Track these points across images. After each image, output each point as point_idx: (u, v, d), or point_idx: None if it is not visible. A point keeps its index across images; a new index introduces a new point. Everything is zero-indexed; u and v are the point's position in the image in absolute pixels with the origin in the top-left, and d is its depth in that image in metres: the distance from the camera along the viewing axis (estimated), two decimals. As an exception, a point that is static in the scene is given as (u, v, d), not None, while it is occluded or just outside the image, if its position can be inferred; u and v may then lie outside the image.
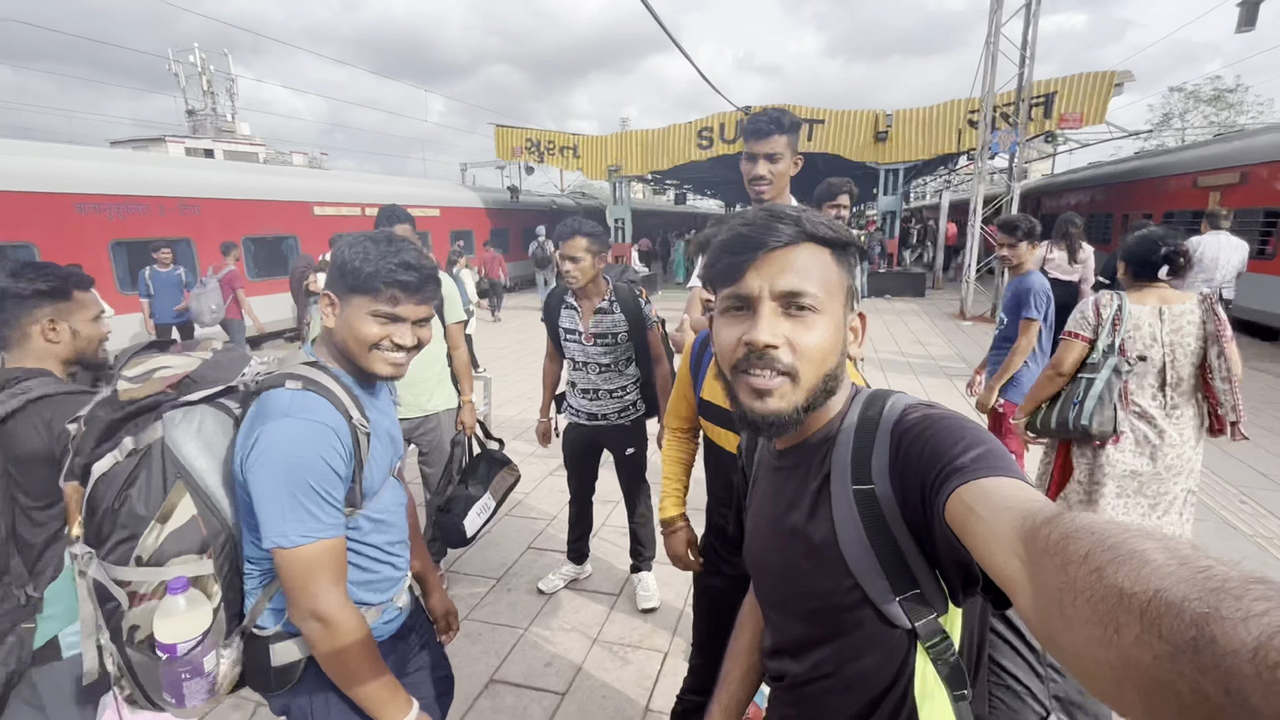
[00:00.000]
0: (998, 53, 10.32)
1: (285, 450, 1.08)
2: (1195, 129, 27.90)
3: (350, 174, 16.22)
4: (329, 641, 1.11)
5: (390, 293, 1.16)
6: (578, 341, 2.73)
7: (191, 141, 22.52)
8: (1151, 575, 0.35)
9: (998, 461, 0.63)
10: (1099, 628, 0.36)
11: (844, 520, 0.76)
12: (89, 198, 8.07)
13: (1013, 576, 0.49)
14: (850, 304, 0.82)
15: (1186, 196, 11.25)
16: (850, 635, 0.79)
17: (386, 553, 1.31)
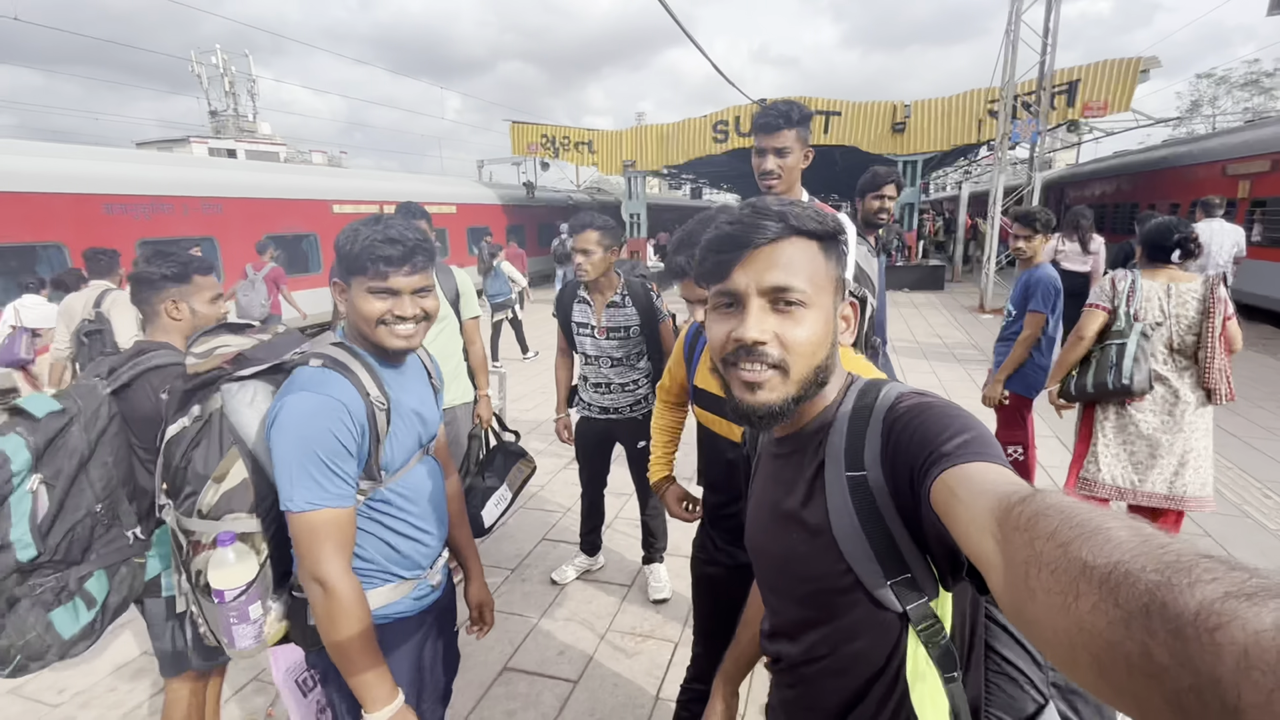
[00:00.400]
0: (1019, 41, 10.13)
1: (298, 422, 1.15)
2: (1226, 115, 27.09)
3: (369, 172, 16.41)
4: (325, 606, 1.17)
5: (378, 268, 1.21)
6: (590, 335, 2.75)
7: (215, 141, 22.93)
8: (1113, 550, 0.37)
9: (982, 448, 0.65)
10: (1059, 596, 0.39)
11: (838, 506, 0.79)
12: (117, 198, 8.27)
13: (987, 556, 0.51)
14: (841, 294, 0.83)
15: (1215, 185, 10.95)
16: (844, 618, 0.82)
17: (414, 528, 1.37)
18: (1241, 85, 29.85)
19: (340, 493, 1.19)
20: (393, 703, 1.21)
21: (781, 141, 1.96)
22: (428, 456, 1.46)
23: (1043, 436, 4.98)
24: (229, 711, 2.39)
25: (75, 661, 2.69)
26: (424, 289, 1.28)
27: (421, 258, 1.25)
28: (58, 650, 1.49)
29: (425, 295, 1.29)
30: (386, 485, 1.30)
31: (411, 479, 1.37)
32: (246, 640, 1.27)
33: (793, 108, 1.97)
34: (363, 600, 1.21)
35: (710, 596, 1.77)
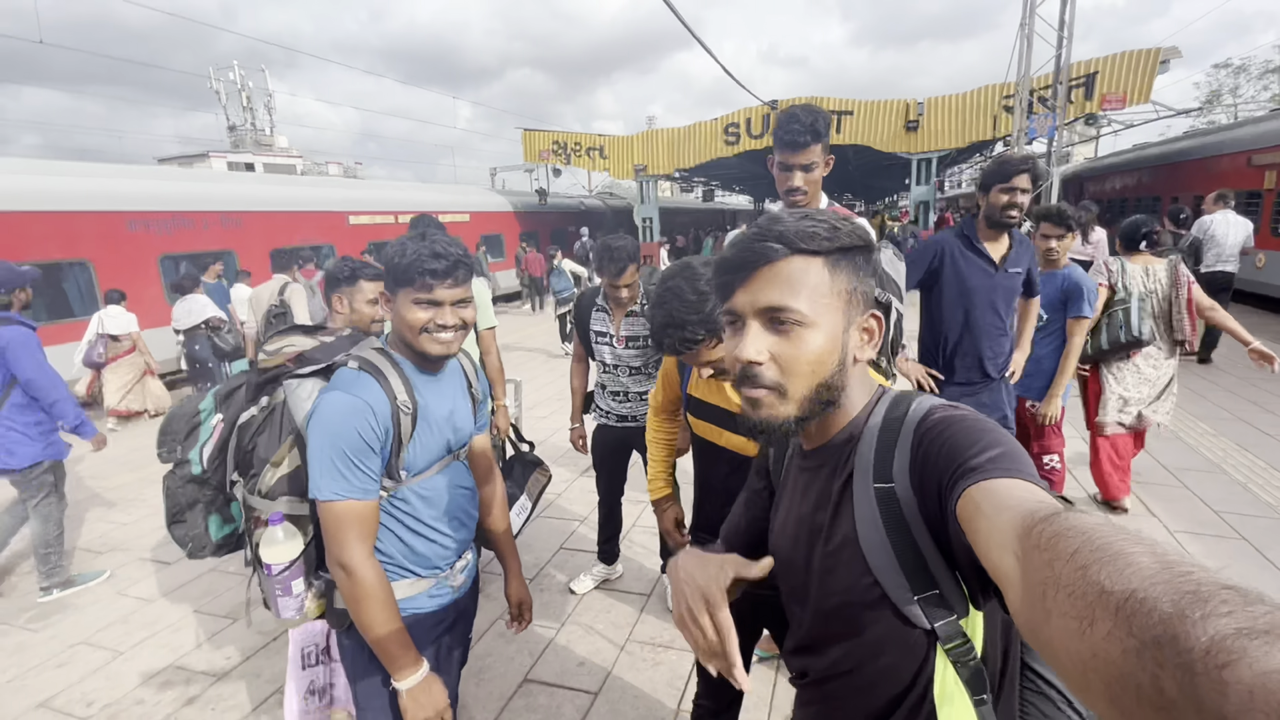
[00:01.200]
0: (1033, 34, 9.99)
1: (328, 419, 1.27)
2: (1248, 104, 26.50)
3: (382, 183, 16.58)
4: (349, 589, 1.28)
5: (424, 280, 1.30)
6: (609, 344, 2.74)
7: (233, 156, 23.34)
8: (1132, 576, 0.36)
9: (1011, 463, 0.63)
10: (1075, 620, 0.38)
11: (865, 518, 0.78)
12: (139, 215, 8.44)
13: (1007, 573, 0.50)
14: (858, 307, 0.81)
15: (1239, 176, 10.71)
16: (869, 633, 0.80)
17: (433, 529, 1.44)
18: (1261, 74, 29.18)
19: (364, 486, 1.28)
20: (419, 670, 1.32)
21: (809, 158, 1.90)
22: (457, 463, 1.52)
23: (1067, 437, 4.89)
24: (253, 724, 2.40)
25: (103, 674, 2.73)
26: (464, 300, 1.37)
27: (463, 271, 1.35)
28: (211, 549, 1.71)
29: (464, 306, 1.38)
30: (407, 485, 1.39)
31: (435, 482, 1.44)
32: (289, 611, 1.43)
33: (816, 118, 1.90)
34: (384, 582, 1.31)
35: None
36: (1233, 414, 5.21)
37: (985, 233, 2.61)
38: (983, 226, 2.61)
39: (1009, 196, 2.45)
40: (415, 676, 1.31)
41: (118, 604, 3.29)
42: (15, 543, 4.06)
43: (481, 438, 1.70)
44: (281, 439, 1.42)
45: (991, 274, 2.60)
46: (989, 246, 2.60)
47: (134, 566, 3.69)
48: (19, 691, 2.66)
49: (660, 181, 18.28)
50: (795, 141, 1.88)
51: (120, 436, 6.48)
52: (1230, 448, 4.52)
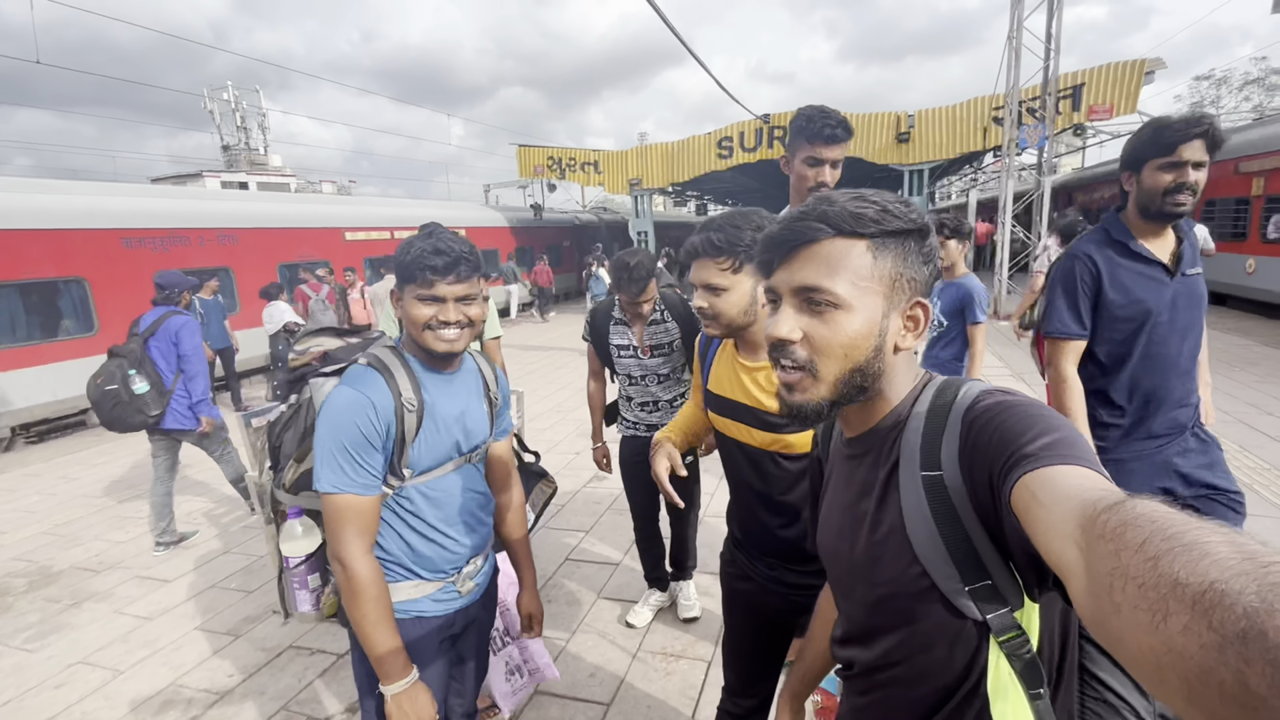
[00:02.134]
0: (1021, 47, 10.16)
1: (333, 413, 1.28)
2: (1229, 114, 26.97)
3: (378, 199, 16.62)
4: (344, 584, 1.27)
5: (425, 276, 1.30)
6: (634, 356, 2.66)
7: (227, 175, 23.35)
8: (1210, 567, 0.35)
9: (1069, 449, 0.61)
10: (1147, 614, 0.36)
11: (911, 507, 0.76)
12: (134, 232, 8.42)
13: (1069, 564, 0.48)
14: (903, 292, 0.79)
15: (1228, 184, 10.87)
16: (918, 624, 0.78)
17: (437, 530, 1.41)
18: (1241, 85, 29.77)
19: (363, 481, 1.28)
20: (405, 678, 1.29)
21: (841, 153, 1.86)
22: (469, 466, 1.49)
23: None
24: (258, 743, 2.35)
25: (102, 694, 2.67)
26: (467, 297, 1.35)
27: (465, 267, 1.33)
28: None
29: (469, 303, 1.36)
30: (412, 484, 1.37)
31: (442, 484, 1.42)
32: (305, 605, 1.45)
33: (841, 118, 1.89)
34: (379, 582, 1.29)
35: (742, 612, 1.71)
36: (1232, 416, 5.24)
37: (1140, 228, 1.88)
38: (1135, 220, 1.88)
39: (1175, 175, 1.72)
40: (402, 683, 1.28)
41: (116, 623, 3.23)
42: (6, 560, 3.99)
43: (501, 444, 1.66)
44: (307, 435, 1.45)
45: (1166, 282, 1.88)
46: (1151, 245, 1.89)
47: (132, 585, 3.63)
48: (16, 713, 2.59)
49: (654, 196, 18.39)
50: (833, 135, 1.82)
51: (116, 454, 6.40)
52: (1232, 449, 4.53)
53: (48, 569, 3.90)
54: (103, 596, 3.51)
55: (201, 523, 4.48)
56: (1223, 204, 10.88)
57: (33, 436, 7.45)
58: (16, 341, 7.20)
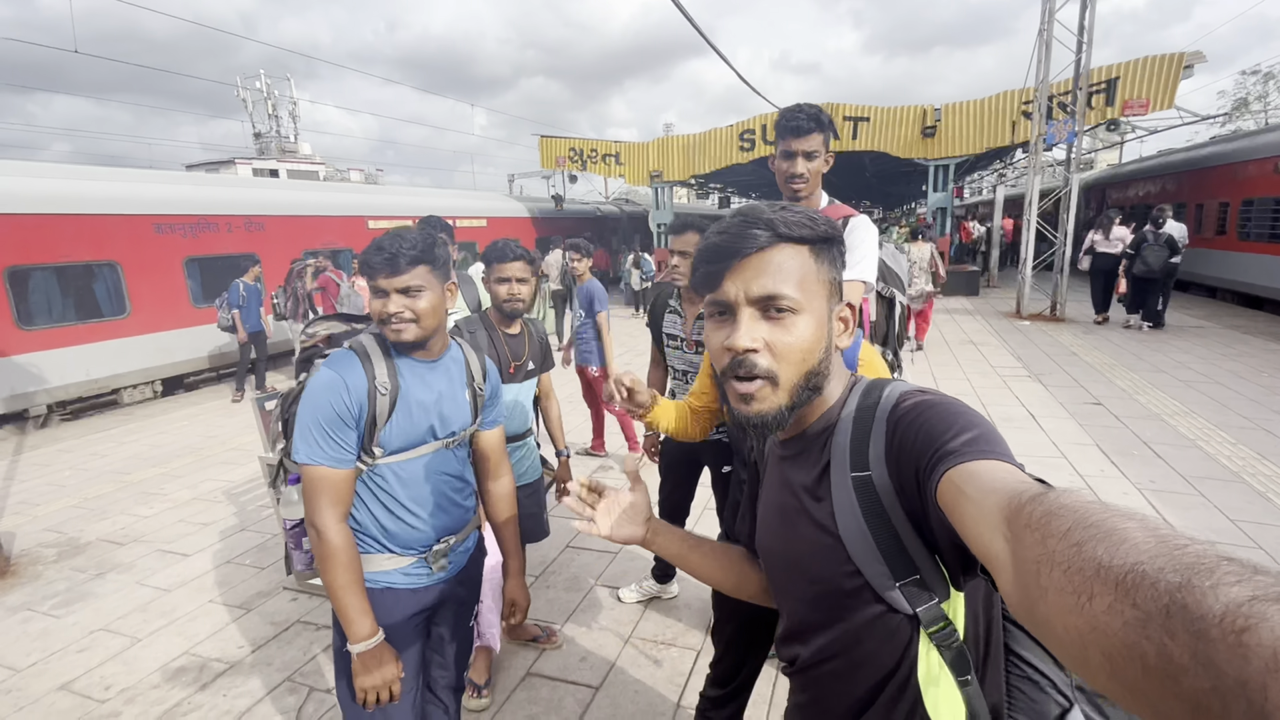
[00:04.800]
0: (1052, 40, 9.89)
1: (312, 391, 1.39)
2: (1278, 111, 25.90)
3: (402, 189, 16.83)
4: (318, 549, 1.38)
5: (369, 271, 1.43)
6: (679, 349, 2.60)
7: (259, 162, 23.80)
8: (1130, 551, 0.37)
9: (989, 445, 0.64)
10: (1072, 596, 0.38)
11: (843, 507, 0.78)
12: (166, 218, 8.67)
13: (996, 555, 0.50)
14: (835, 297, 0.83)
15: (1266, 183, 10.48)
16: (852, 620, 0.81)
17: (407, 508, 1.50)
18: None
19: (336, 456, 1.38)
20: (371, 639, 1.38)
21: (812, 145, 1.92)
22: (445, 451, 1.56)
23: (1081, 445, 4.82)
24: (262, 710, 2.46)
25: (121, 659, 2.81)
26: (409, 289, 1.42)
27: (404, 260, 1.41)
28: None
29: (414, 295, 1.43)
30: (383, 463, 1.46)
31: (415, 465, 1.50)
32: (299, 564, 1.65)
33: (819, 110, 1.92)
34: (350, 549, 1.39)
35: (733, 604, 1.76)
36: (1254, 423, 5.11)
37: None
38: None
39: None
40: (367, 643, 1.38)
41: (137, 593, 3.39)
42: (37, 531, 4.19)
43: (491, 434, 1.72)
44: None
45: None
46: None
47: (153, 558, 3.79)
48: (42, 674, 2.75)
49: (676, 188, 18.32)
50: (799, 126, 1.89)
51: (143, 433, 6.65)
52: (1250, 457, 4.43)
53: (76, 540, 4.09)
54: (126, 568, 3.68)
55: (221, 500, 4.65)
56: (1260, 204, 10.51)
57: (67, 414, 7.76)
58: (53, 322, 7.49)
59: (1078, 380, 6.63)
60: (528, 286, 2.32)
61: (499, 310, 2.36)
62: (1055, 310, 10.51)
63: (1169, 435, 4.92)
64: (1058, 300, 10.51)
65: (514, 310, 2.34)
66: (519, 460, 2.45)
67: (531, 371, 2.47)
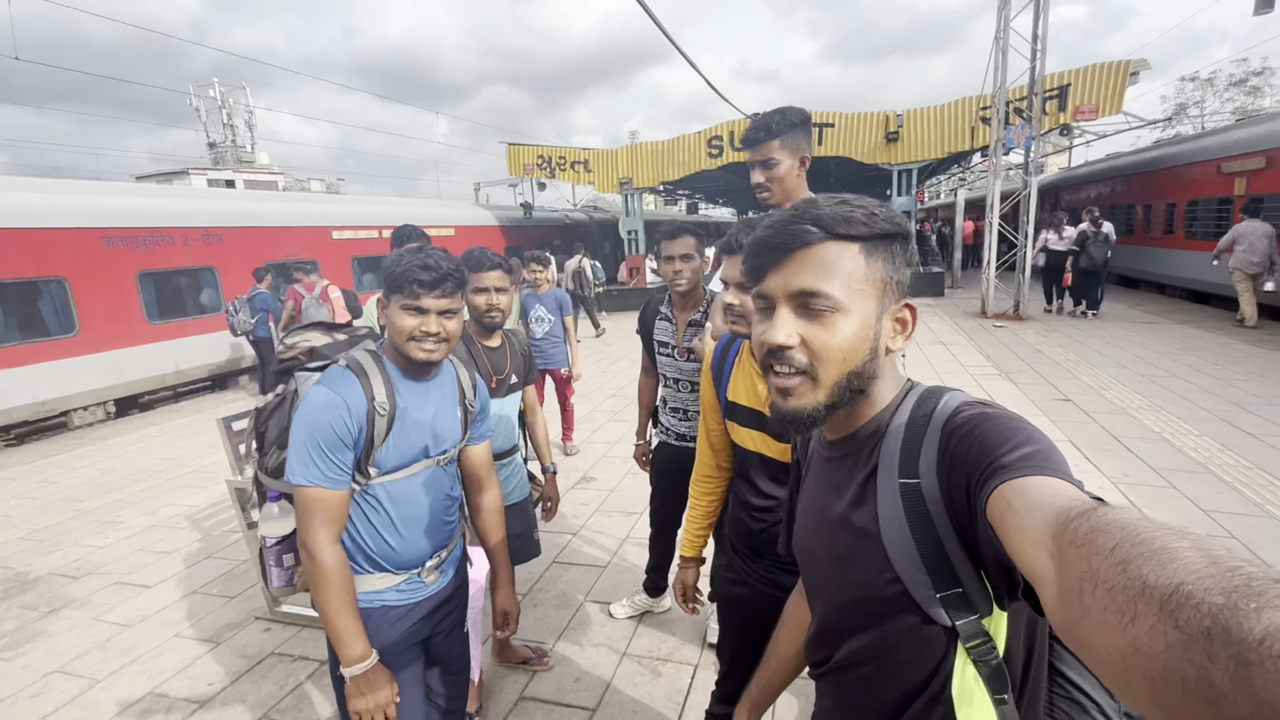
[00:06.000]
0: (1008, 47, 10.21)
1: (309, 410, 1.35)
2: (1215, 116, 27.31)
3: (366, 198, 16.47)
4: (310, 570, 1.35)
5: (412, 289, 1.38)
6: (670, 356, 2.54)
7: (214, 173, 23.08)
8: (1177, 570, 0.36)
9: (1044, 461, 0.62)
10: (1115, 615, 0.37)
11: (888, 513, 0.77)
12: (117, 231, 8.29)
13: (1041, 570, 0.49)
14: (892, 295, 0.79)
15: (1210, 184, 10.98)
16: (887, 627, 0.80)
17: (401, 527, 1.48)
18: (1226, 87, 30.13)
19: (333, 476, 1.35)
20: (364, 662, 1.35)
21: (765, 153, 1.96)
22: (437, 469, 1.55)
23: (1056, 441, 4.93)
24: None
25: (79, 704, 2.62)
26: (449, 311, 1.44)
27: (451, 284, 1.42)
28: None
29: (450, 317, 1.44)
30: (377, 482, 1.44)
31: (408, 484, 1.48)
32: (279, 582, 1.55)
33: (772, 117, 1.95)
34: (343, 570, 1.36)
35: (739, 617, 1.71)
36: (1214, 415, 5.29)
37: None
38: None
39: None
40: (361, 665, 1.35)
41: (94, 630, 3.17)
42: (-15, 569, 3.92)
43: (478, 448, 1.72)
44: (289, 425, 1.50)
45: None
46: None
47: (111, 591, 3.57)
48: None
49: (645, 195, 18.35)
50: (750, 139, 1.97)
51: (95, 457, 6.31)
52: (1215, 448, 4.58)
53: (24, 575, 3.83)
54: (81, 603, 3.45)
55: (183, 526, 4.42)
56: (1205, 203, 11.00)
57: (11, 439, 7.33)
58: (-5, 342, 7.08)
59: (1045, 377, 6.79)
60: (507, 296, 2.24)
61: (478, 323, 2.26)
62: (1019, 309, 10.81)
63: (1137, 429, 5.06)
64: (1020, 299, 10.81)
65: (493, 322, 2.25)
66: (506, 478, 2.36)
67: (515, 385, 2.38)
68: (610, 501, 4.31)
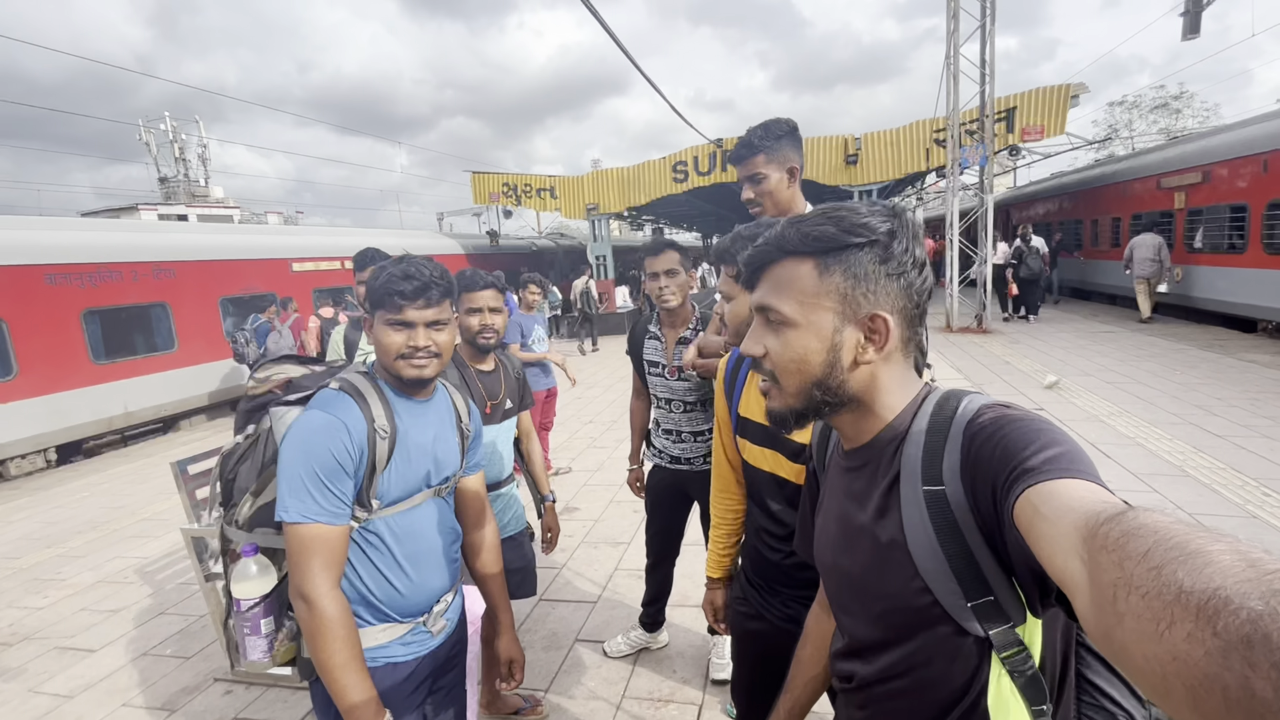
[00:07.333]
0: (959, 72, 10.62)
1: (302, 436, 1.21)
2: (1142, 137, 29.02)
3: (326, 229, 16.14)
4: (309, 622, 1.18)
5: (394, 301, 1.28)
6: (661, 375, 2.46)
7: (165, 208, 22.36)
8: (1214, 574, 0.34)
9: (1071, 463, 0.60)
10: (1151, 623, 0.36)
11: (913, 521, 0.75)
12: (59, 268, 7.86)
13: (1072, 577, 0.47)
14: (858, 306, 0.78)
15: (1152, 199, 11.54)
16: (919, 639, 0.78)
17: (406, 567, 1.34)
18: (1150, 110, 32.16)
19: (334, 510, 1.21)
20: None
21: (752, 169, 1.94)
22: (439, 500, 1.43)
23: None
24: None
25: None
26: (437, 322, 1.32)
27: (435, 292, 1.30)
28: None
29: (439, 328, 1.33)
30: (379, 516, 1.30)
31: (411, 517, 1.35)
32: (257, 653, 1.33)
33: (756, 132, 1.92)
34: (348, 620, 1.20)
35: (755, 655, 1.58)
36: (1181, 418, 5.42)
37: None
38: None
39: None
40: None
41: (30, 704, 2.86)
42: (-96, 641, 3.53)
43: (473, 479, 1.59)
44: (264, 468, 1.35)
45: None
46: None
47: (50, 658, 3.24)
48: (-98, 824, 2.23)
49: (611, 220, 18.41)
50: (736, 156, 1.96)
51: (34, 509, 5.85)
52: (1188, 451, 4.67)
53: (-50, 645, 3.45)
54: (15, 673, 3.12)
55: (132, 581, 4.08)
56: (1148, 217, 11.53)
57: (-61, 493, 6.78)
58: (-80, 389, 6.58)
59: (1016, 387, 6.91)
60: (501, 317, 2.13)
61: (471, 345, 2.14)
62: (981, 323, 11.08)
63: (1110, 435, 5.14)
64: (982, 314, 11.09)
65: (487, 344, 2.13)
66: (500, 510, 2.21)
67: (509, 411, 2.25)
68: (596, 532, 4.14)
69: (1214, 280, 9.91)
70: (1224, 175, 9.57)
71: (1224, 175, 9.57)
